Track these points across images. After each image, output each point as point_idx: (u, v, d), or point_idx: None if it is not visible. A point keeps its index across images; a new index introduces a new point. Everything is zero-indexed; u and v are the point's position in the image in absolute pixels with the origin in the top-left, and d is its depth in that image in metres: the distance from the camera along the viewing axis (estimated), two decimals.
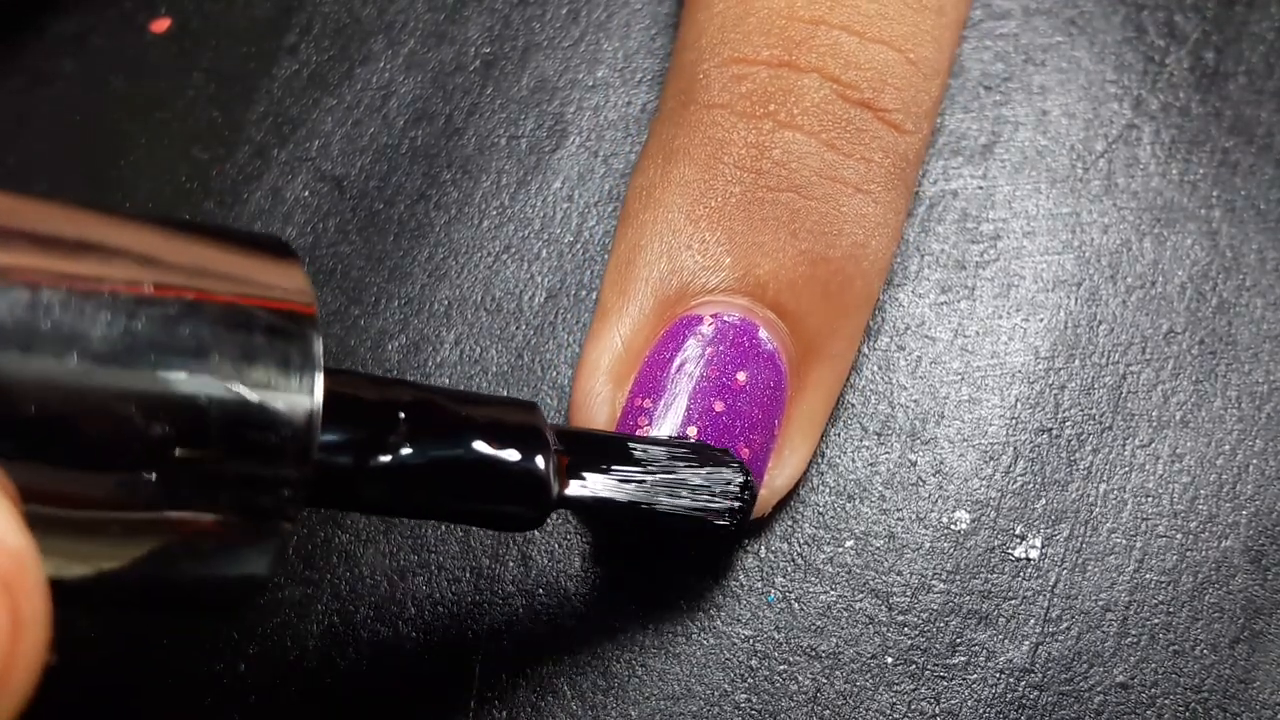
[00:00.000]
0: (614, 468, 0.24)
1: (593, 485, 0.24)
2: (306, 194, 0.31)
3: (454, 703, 0.27)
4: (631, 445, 0.25)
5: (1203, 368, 0.29)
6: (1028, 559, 0.28)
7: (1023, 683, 0.27)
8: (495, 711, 0.27)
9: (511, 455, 0.22)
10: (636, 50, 0.32)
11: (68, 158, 0.32)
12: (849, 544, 0.28)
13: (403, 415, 0.21)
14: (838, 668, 0.27)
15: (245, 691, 0.27)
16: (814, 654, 0.27)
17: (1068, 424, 0.29)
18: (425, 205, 0.31)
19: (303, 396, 0.19)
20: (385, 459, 0.21)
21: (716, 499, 0.25)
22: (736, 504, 0.25)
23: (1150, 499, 0.28)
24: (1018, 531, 0.28)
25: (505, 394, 0.29)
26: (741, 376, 0.26)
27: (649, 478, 0.24)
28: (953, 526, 0.28)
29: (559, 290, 0.30)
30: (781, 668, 0.27)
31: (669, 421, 0.26)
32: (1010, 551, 0.28)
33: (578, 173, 0.31)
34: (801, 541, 0.28)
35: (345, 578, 0.28)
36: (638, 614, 0.27)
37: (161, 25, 0.33)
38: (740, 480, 0.25)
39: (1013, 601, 0.28)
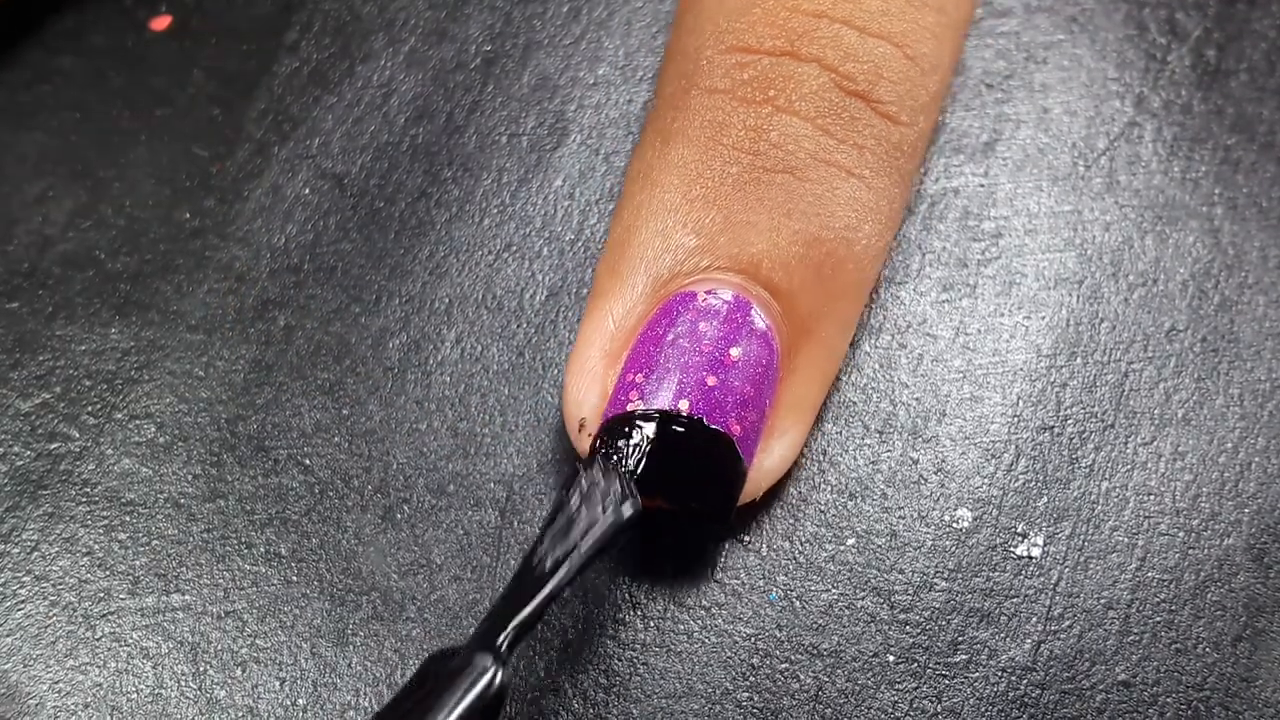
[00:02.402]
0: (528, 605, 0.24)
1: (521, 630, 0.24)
2: (307, 191, 0.31)
3: None
4: (529, 574, 0.25)
5: (1205, 365, 0.29)
6: (1029, 557, 0.28)
7: (1025, 681, 0.27)
8: None
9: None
10: (638, 48, 0.32)
11: (67, 155, 0.31)
12: (850, 542, 0.28)
13: None
14: (839, 666, 0.27)
15: (246, 690, 0.27)
16: (816, 652, 0.27)
17: (1070, 422, 0.29)
18: (426, 203, 0.31)
19: None
20: None
21: (608, 513, 0.25)
22: (626, 504, 0.25)
23: (1152, 497, 0.28)
24: (1020, 529, 0.28)
25: (507, 390, 0.29)
26: (734, 352, 0.26)
27: (553, 565, 0.24)
28: (954, 524, 0.28)
29: (560, 288, 0.30)
30: (783, 666, 0.27)
31: (660, 396, 0.26)
32: (1012, 549, 0.28)
33: (579, 170, 0.31)
34: (803, 540, 0.28)
35: (343, 578, 0.28)
36: (639, 612, 0.27)
37: (162, 23, 0.33)
38: (614, 488, 0.25)
39: (1015, 599, 0.27)
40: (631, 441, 0.25)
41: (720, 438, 0.26)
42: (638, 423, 0.25)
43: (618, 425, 0.26)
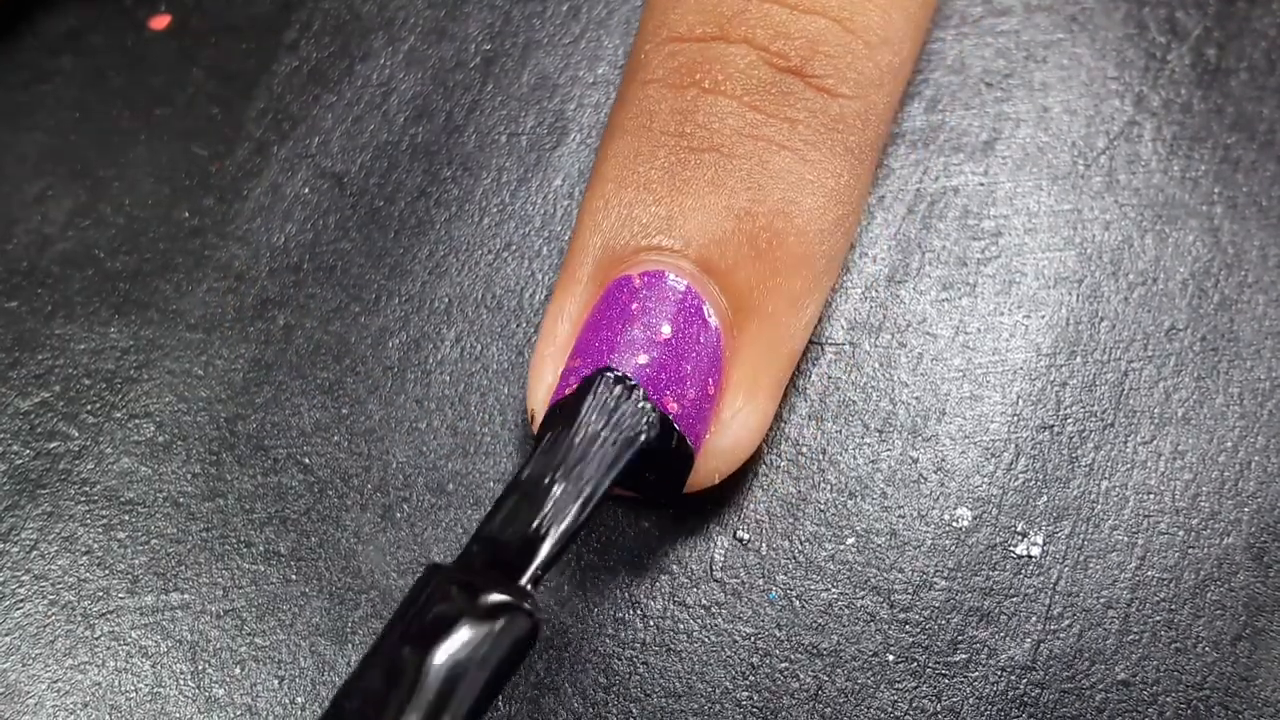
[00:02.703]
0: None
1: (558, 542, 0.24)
2: (307, 191, 0.31)
3: None
4: (537, 494, 0.24)
5: (1204, 364, 0.29)
6: (1029, 556, 0.28)
7: (1024, 680, 0.27)
8: (496, 709, 0.27)
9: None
10: None
11: (67, 155, 0.31)
12: (850, 541, 0.28)
13: None
14: (839, 665, 0.27)
15: (245, 689, 0.27)
16: (815, 651, 0.27)
17: (1069, 421, 0.29)
18: (426, 202, 0.31)
19: None
20: None
21: (627, 427, 0.25)
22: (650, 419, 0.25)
23: (1152, 496, 0.28)
24: (1019, 528, 0.28)
25: (506, 389, 0.29)
26: (666, 329, 0.26)
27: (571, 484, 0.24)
28: (954, 523, 0.28)
29: None
30: (783, 665, 0.27)
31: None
32: (1012, 549, 0.28)
33: (578, 170, 0.31)
34: (803, 539, 0.28)
35: (342, 576, 0.28)
36: (639, 611, 0.27)
37: (161, 22, 0.33)
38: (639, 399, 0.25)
39: (1014, 599, 0.27)
40: None
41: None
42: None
43: (558, 411, 0.26)
